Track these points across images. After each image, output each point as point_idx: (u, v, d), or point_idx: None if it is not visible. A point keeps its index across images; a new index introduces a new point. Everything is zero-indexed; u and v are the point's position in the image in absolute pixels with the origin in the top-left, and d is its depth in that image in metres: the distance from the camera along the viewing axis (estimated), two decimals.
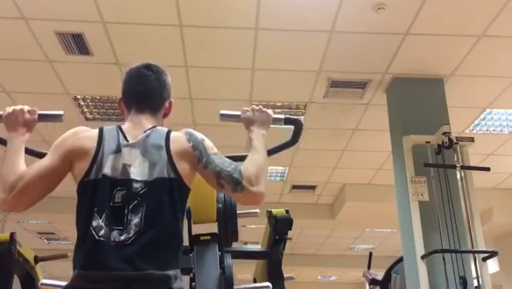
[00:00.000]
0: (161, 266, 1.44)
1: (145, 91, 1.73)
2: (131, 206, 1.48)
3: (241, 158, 1.69)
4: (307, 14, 4.04)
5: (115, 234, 1.45)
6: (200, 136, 1.64)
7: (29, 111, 1.72)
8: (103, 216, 1.46)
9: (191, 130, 1.67)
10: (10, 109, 1.71)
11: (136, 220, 1.46)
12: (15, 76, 4.90)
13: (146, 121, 1.68)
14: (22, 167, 1.57)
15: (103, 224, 1.45)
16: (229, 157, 1.66)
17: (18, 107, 1.71)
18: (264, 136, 1.75)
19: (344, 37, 4.31)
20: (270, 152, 1.98)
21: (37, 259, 4.11)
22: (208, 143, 1.63)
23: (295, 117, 2.02)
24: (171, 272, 1.45)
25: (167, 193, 1.52)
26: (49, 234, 9.87)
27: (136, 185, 1.50)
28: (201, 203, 2.96)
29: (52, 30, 4.19)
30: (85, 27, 4.19)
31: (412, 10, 3.97)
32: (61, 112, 1.85)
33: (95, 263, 1.42)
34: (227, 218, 3.16)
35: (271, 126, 1.82)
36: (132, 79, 1.77)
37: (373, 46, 4.43)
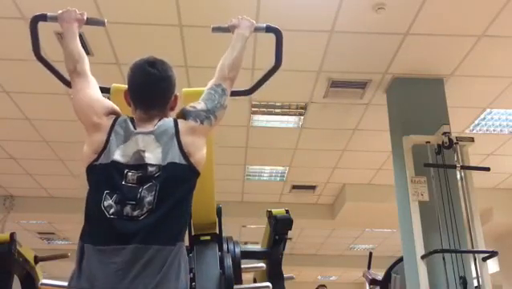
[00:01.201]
0: (169, 240, 1.55)
1: (151, 92, 1.77)
2: (145, 186, 1.58)
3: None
4: (307, 14, 4.04)
5: (128, 208, 1.55)
6: (189, 108, 1.77)
7: (79, 13, 2.09)
8: (114, 196, 1.56)
9: (185, 108, 1.78)
10: (64, 9, 2.07)
11: (149, 198, 1.57)
12: (15, 76, 4.90)
13: (154, 116, 1.74)
14: (80, 49, 2.01)
15: (113, 203, 1.56)
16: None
17: (71, 8, 2.07)
18: (245, 36, 2.10)
19: (344, 37, 4.31)
20: (260, 82, 2.19)
21: (37, 259, 4.12)
22: (198, 105, 1.79)
23: (276, 26, 2.22)
24: (177, 245, 1.57)
25: (179, 177, 1.63)
26: (49, 234, 9.87)
27: (150, 169, 1.61)
28: (201, 203, 2.96)
29: (52, 30, 4.19)
30: (85, 27, 4.13)
31: (412, 10, 3.97)
32: (105, 20, 2.23)
33: (106, 238, 1.52)
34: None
35: (254, 33, 2.16)
36: (137, 79, 1.79)
37: (373, 46, 4.43)
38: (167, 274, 1.51)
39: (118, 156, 1.61)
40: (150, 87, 1.76)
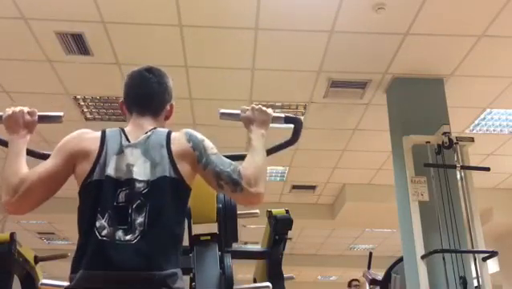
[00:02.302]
0: (164, 265, 1.45)
1: (146, 94, 1.74)
2: (134, 206, 1.49)
3: (241, 157, 1.69)
4: (307, 14, 4.04)
5: (119, 233, 1.45)
6: (200, 136, 1.65)
7: (29, 113, 1.71)
8: (106, 216, 1.47)
9: (190, 130, 1.67)
10: (9, 111, 1.70)
11: (140, 219, 1.47)
12: (15, 76, 4.90)
13: (147, 124, 1.68)
14: (24, 169, 1.56)
15: (105, 224, 1.46)
16: (229, 156, 1.66)
17: (17, 109, 1.70)
18: (264, 135, 1.74)
19: (344, 37, 4.31)
20: (270, 152, 1.98)
21: (37, 259, 4.11)
22: (208, 143, 1.63)
23: (295, 116, 2.01)
24: (173, 271, 1.46)
25: (169, 193, 1.53)
26: (49, 234, 9.87)
27: (138, 185, 1.51)
28: (201, 203, 2.96)
29: (52, 30, 4.19)
30: (85, 27, 4.18)
31: (412, 10, 3.97)
32: (61, 114, 1.84)
33: (99, 263, 1.42)
34: (227, 219, 3.16)
35: (271, 125, 1.80)
36: (133, 82, 1.77)
37: (373, 46, 4.43)
38: None
39: (111, 170, 1.52)
40: (146, 89, 1.74)
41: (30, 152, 1.82)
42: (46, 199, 1.58)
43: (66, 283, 1.51)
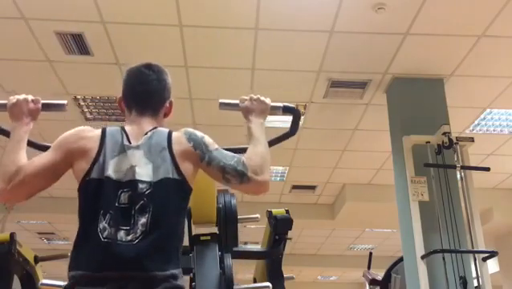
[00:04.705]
0: (165, 265, 1.45)
1: (145, 91, 1.73)
2: (137, 207, 1.49)
3: (242, 150, 1.69)
4: (307, 14, 4.04)
5: (121, 233, 1.45)
6: (199, 134, 1.66)
7: (32, 101, 1.74)
8: (108, 217, 1.47)
9: (190, 129, 1.67)
10: (13, 99, 1.72)
11: (142, 220, 1.47)
12: (15, 76, 4.89)
13: (147, 122, 1.68)
14: (23, 159, 1.57)
15: (107, 225, 1.46)
16: (230, 150, 1.68)
17: (21, 97, 1.72)
18: (263, 124, 1.77)
19: (344, 37, 4.31)
20: (270, 144, 1.99)
21: (37, 259, 4.11)
22: (208, 140, 1.64)
23: (293, 105, 2.01)
24: (174, 271, 1.47)
25: (171, 194, 1.54)
26: (49, 234, 9.87)
27: (141, 186, 1.51)
28: (201, 204, 2.97)
29: (52, 30, 4.19)
30: (85, 27, 4.18)
31: (412, 10, 3.97)
32: (64, 102, 1.87)
33: (100, 264, 1.42)
34: (228, 224, 3.16)
35: (270, 115, 1.85)
36: (132, 79, 1.76)
37: (373, 46, 4.43)
38: None
39: (111, 171, 1.51)
40: (145, 86, 1.72)
41: (30, 143, 1.82)
42: (40, 190, 1.58)
43: (66, 283, 1.52)
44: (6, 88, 5.08)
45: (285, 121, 5.74)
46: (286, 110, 1.96)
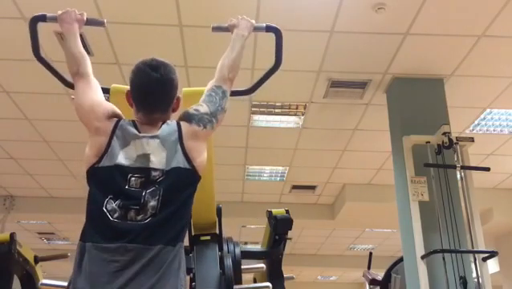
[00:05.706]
0: (170, 240, 1.58)
1: (154, 98, 1.75)
2: (148, 191, 1.60)
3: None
4: (307, 14, 4.04)
5: (132, 213, 1.57)
6: (191, 110, 1.78)
7: (79, 14, 2.06)
8: (118, 201, 1.58)
9: (185, 112, 1.78)
10: (63, 10, 2.06)
11: (153, 202, 1.59)
12: (15, 76, 4.90)
13: (157, 119, 1.74)
14: (84, 52, 1.95)
15: (117, 208, 1.57)
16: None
17: (70, 9, 2.06)
18: (244, 36, 2.09)
19: (344, 37, 4.31)
20: (260, 82, 2.18)
21: (37, 259, 4.11)
22: (195, 106, 1.80)
23: (276, 26, 2.21)
24: (177, 245, 1.60)
25: (182, 182, 1.65)
26: (49, 234, 9.87)
27: (154, 173, 1.62)
28: (202, 203, 2.96)
29: (52, 30, 4.19)
30: (85, 27, 4.17)
31: (412, 10, 3.97)
32: (104, 20, 2.21)
33: (109, 237, 1.54)
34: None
35: (254, 32, 2.15)
36: (139, 81, 1.76)
37: (373, 46, 4.43)
38: (165, 274, 1.54)
39: (122, 159, 1.62)
40: (153, 93, 1.74)
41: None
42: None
43: (66, 283, 1.55)
44: (6, 88, 5.09)
45: (285, 121, 5.76)
46: (268, 29, 2.24)
